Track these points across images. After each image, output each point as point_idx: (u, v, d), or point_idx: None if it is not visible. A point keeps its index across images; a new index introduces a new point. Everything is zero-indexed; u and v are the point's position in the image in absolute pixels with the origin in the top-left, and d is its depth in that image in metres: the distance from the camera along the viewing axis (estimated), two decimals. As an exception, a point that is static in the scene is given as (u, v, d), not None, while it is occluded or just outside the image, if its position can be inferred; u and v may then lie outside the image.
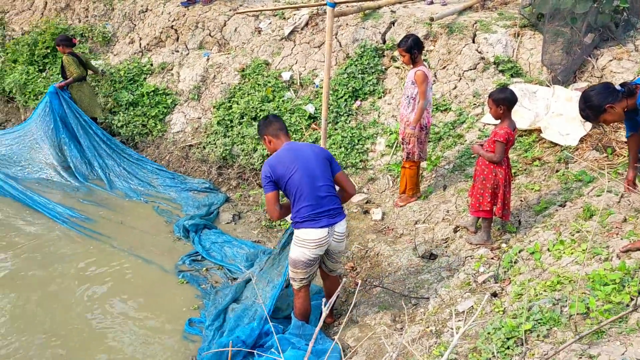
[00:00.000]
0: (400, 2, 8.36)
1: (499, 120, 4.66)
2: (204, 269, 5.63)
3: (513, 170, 5.65)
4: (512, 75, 6.61)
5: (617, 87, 3.68)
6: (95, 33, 9.46)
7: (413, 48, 5.30)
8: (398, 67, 7.42)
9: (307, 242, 3.97)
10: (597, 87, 3.81)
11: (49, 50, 9.26)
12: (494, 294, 4.19)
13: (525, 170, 5.59)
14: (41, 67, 9.29)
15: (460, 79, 6.95)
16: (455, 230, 5.33)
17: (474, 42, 7.12)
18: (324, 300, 4.16)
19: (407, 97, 5.53)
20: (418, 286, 4.76)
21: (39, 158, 7.77)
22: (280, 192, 4.08)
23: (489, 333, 3.48)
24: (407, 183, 5.87)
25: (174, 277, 5.51)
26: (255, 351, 4.17)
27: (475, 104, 6.65)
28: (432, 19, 7.34)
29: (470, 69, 6.92)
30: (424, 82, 5.35)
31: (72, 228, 6.32)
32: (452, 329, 3.91)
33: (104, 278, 5.49)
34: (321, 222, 3.93)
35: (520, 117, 5.80)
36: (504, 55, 6.77)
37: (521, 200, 5.22)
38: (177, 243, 6.13)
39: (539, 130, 5.81)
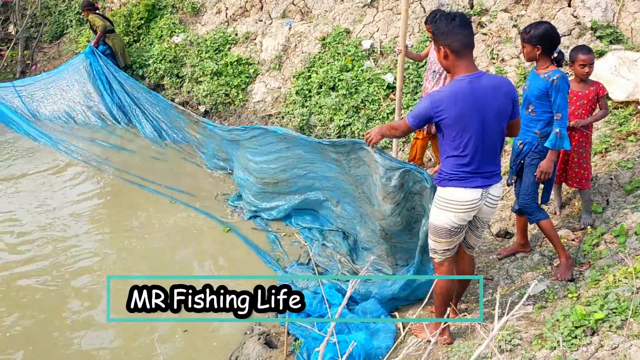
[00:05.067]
0: (491, -36, 7.82)
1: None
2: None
3: (605, 146, 5.19)
4: (610, 42, 6.02)
5: None
6: (185, 4, 9.71)
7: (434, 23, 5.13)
8: (485, 34, 6.99)
9: (453, 204, 3.20)
10: None
11: (142, 22, 9.66)
12: (571, 279, 3.89)
13: (618, 145, 5.10)
14: (136, 38, 9.71)
15: (553, 46, 6.42)
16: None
17: (569, 5, 6.54)
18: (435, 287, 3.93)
19: (434, 72, 5.40)
20: (489, 266, 4.53)
21: (68, 98, 8.95)
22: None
23: (557, 320, 3.24)
24: (417, 153, 5.94)
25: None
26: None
27: (569, 73, 6.13)
28: (524, -19, 6.81)
29: (565, 35, 6.37)
30: None
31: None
32: (515, 314, 3.68)
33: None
34: (474, 182, 3.17)
35: (617, 87, 5.30)
36: (603, 19, 6.17)
37: (611, 179, 4.78)
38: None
39: (637, 102, 5.27)
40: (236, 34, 8.90)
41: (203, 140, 7.05)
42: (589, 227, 4.44)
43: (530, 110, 3.98)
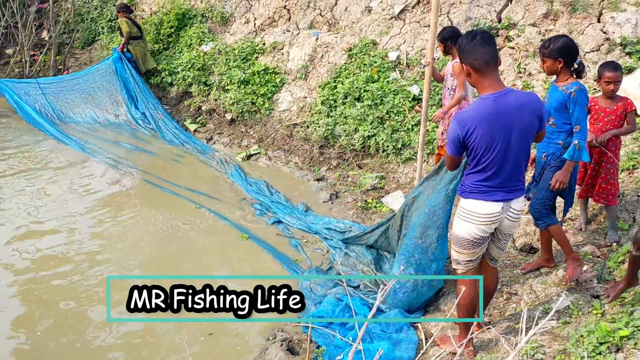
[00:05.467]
0: (519, -21, 7.84)
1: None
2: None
3: (632, 163, 5.16)
4: (640, 58, 5.99)
5: None
6: (214, 13, 9.89)
7: (447, 39, 5.29)
8: (512, 48, 7.00)
9: (474, 215, 3.23)
10: None
11: (172, 30, 9.86)
12: (595, 296, 3.87)
13: (646, 163, 5.06)
14: (165, 46, 9.91)
15: (581, 60, 6.39)
16: (560, 224, 4.97)
17: (599, 21, 6.52)
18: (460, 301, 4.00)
19: (448, 89, 5.48)
20: (513, 280, 4.52)
21: (92, 101, 9.41)
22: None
23: (581, 335, 3.23)
24: None
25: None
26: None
27: (595, 89, 6.11)
28: (553, -4, 6.82)
29: (593, 51, 6.36)
30: (462, 73, 5.17)
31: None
32: (543, 328, 3.67)
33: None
34: (496, 196, 3.19)
35: (646, 104, 5.24)
36: (633, 36, 6.14)
37: (638, 196, 4.74)
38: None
39: (666, 120, 5.21)
40: (264, 44, 9.03)
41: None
42: (614, 243, 4.42)
43: (551, 122, 4.00)
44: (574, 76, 3.98)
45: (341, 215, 6.25)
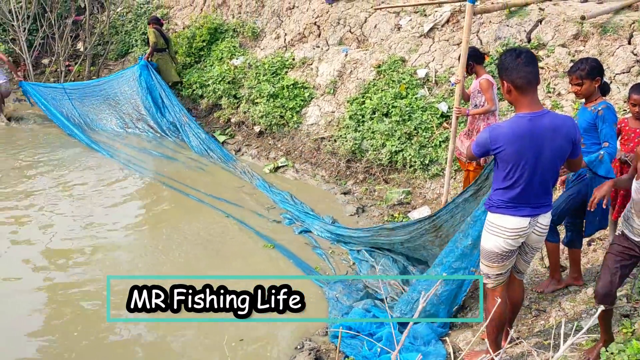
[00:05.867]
0: (550, 0, 7.90)
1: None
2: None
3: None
4: (672, 80, 5.98)
5: None
6: (245, 29, 10.12)
7: (469, 59, 5.36)
8: (542, 68, 7.03)
9: (502, 230, 3.28)
10: None
11: (204, 44, 10.10)
12: (625, 315, 3.87)
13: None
14: (197, 59, 10.15)
15: (611, 82, 6.42)
16: (589, 244, 4.97)
17: (629, 43, 6.53)
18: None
19: (475, 105, 5.61)
20: (541, 297, 4.52)
21: (118, 107, 9.70)
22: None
23: (612, 353, 3.24)
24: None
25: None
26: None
27: (625, 110, 6.11)
28: (583, 17, 6.86)
29: (624, 72, 6.36)
30: (490, 89, 5.46)
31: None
32: (572, 345, 3.68)
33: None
34: (523, 211, 3.24)
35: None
36: (665, 57, 6.14)
37: (669, 217, 4.72)
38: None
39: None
40: (293, 59, 9.19)
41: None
42: (645, 264, 4.40)
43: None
44: (601, 95, 4.04)
45: (368, 229, 6.31)
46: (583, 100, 4.14)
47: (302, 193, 7.20)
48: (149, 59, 9.56)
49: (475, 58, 5.53)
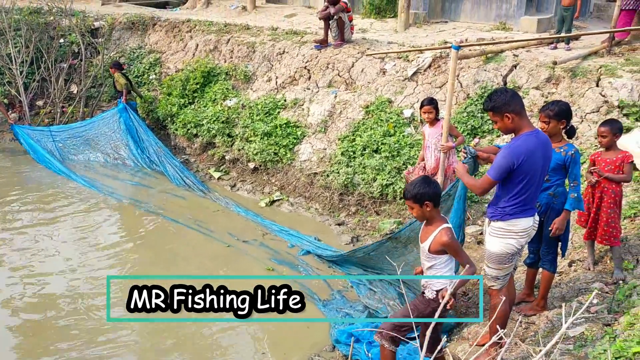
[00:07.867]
0: (523, 47, 8.63)
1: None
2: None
3: (634, 211, 5.67)
4: (636, 119, 6.62)
5: None
6: (237, 72, 10.62)
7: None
8: (518, 108, 7.64)
9: (515, 232, 3.89)
10: None
11: (198, 86, 10.56)
12: (607, 324, 4.28)
13: (647, 211, 5.58)
14: (190, 100, 10.58)
15: (582, 121, 7.04)
16: (570, 265, 5.43)
17: (597, 85, 7.21)
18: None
19: (428, 147, 6.62)
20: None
21: (98, 146, 10.59)
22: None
23: (599, 353, 3.64)
24: None
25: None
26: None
27: (596, 145, 6.70)
28: (555, 63, 7.54)
29: (593, 112, 7.01)
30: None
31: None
32: (561, 350, 4.07)
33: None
34: (530, 212, 3.91)
35: (643, 159, 5.83)
36: (629, 99, 6.80)
37: (640, 239, 5.23)
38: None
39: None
40: (285, 100, 9.70)
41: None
42: (621, 281, 4.86)
43: (545, 178, 4.47)
44: (567, 138, 4.57)
45: (363, 257, 6.68)
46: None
47: (298, 224, 7.58)
48: (127, 100, 10.36)
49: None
